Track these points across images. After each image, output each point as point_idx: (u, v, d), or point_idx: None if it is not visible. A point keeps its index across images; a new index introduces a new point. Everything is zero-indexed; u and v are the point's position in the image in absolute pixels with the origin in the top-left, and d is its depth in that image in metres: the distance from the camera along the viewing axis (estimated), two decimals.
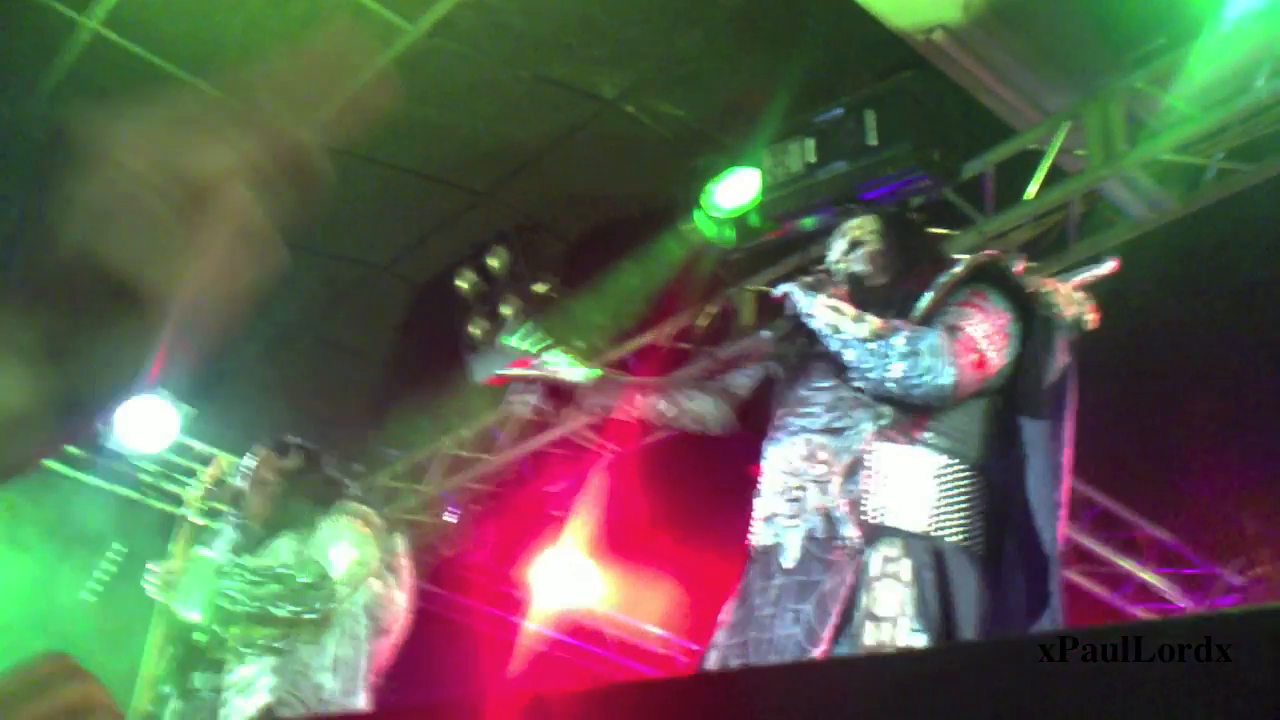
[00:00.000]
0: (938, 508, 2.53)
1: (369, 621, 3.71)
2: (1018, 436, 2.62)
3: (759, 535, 2.70)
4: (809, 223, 4.23)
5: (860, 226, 2.94)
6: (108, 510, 6.18)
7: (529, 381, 3.20)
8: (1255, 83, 3.57)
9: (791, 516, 2.62)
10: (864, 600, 2.41)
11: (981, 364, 2.57)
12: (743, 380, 3.11)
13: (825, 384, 2.72)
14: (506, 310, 5.25)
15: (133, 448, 5.88)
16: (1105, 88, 3.89)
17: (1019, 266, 2.81)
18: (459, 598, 7.29)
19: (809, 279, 2.81)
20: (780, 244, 4.66)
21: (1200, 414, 5.45)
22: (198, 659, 3.57)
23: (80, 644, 5.36)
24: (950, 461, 2.58)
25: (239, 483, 3.91)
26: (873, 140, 3.90)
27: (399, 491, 6.46)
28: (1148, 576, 6.31)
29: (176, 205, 0.51)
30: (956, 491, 2.57)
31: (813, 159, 4.06)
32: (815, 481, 2.61)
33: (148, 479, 6.33)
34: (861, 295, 2.79)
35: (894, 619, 2.38)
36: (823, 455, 2.62)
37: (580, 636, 7.57)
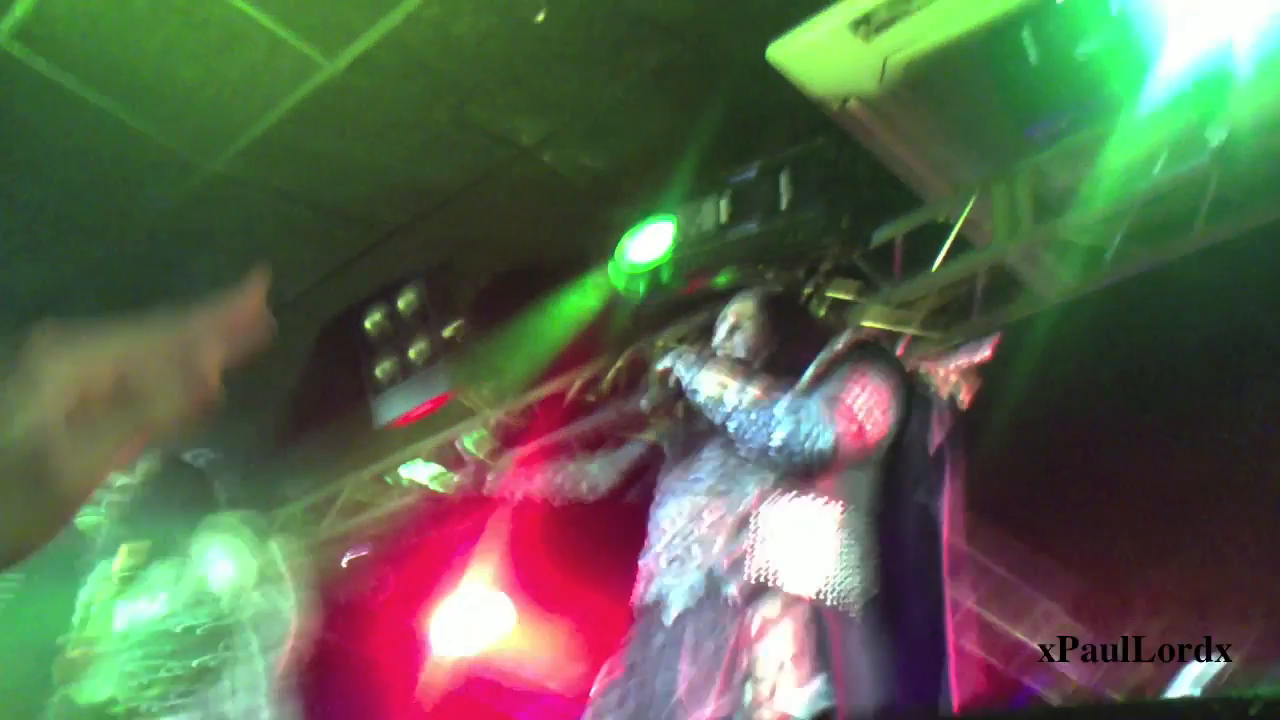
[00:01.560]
0: (819, 570, 2.56)
1: (258, 637, 3.63)
2: (899, 510, 2.66)
3: (643, 593, 2.71)
4: (721, 280, 4.25)
5: (738, 311, 3.00)
6: None
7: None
8: (1154, 169, 3.67)
9: (675, 576, 2.63)
10: (744, 661, 2.41)
11: (860, 434, 2.61)
12: (629, 451, 3.23)
13: (711, 452, 2.76)
14: (413, 352, 5.19)
15: None
16: (1012, 164, 3.97)
17: (900, 348, 2.89)
18: (358, 643, 7.13)
19: (692, 354, 2.86)
20: (692, 299, 4.67)
21: (1093, 489, 5.55)
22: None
23: None
24: (834, 525, 2.61)
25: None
26: (784, 203, 3.94)
27: (296, 533, 6.31)
28: (1039, 646, 6.37)
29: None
30: (838, 555, 2.59)
31: (725, 218, 4.09)
32: (699, 540, 2.63)
33: None
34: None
35: (773, 678, 2.38)
36: (708, 515, 2.65)
37: (480, 682, 7.45)
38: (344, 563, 6.44)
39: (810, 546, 2.56)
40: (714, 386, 2.72)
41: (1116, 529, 5.65)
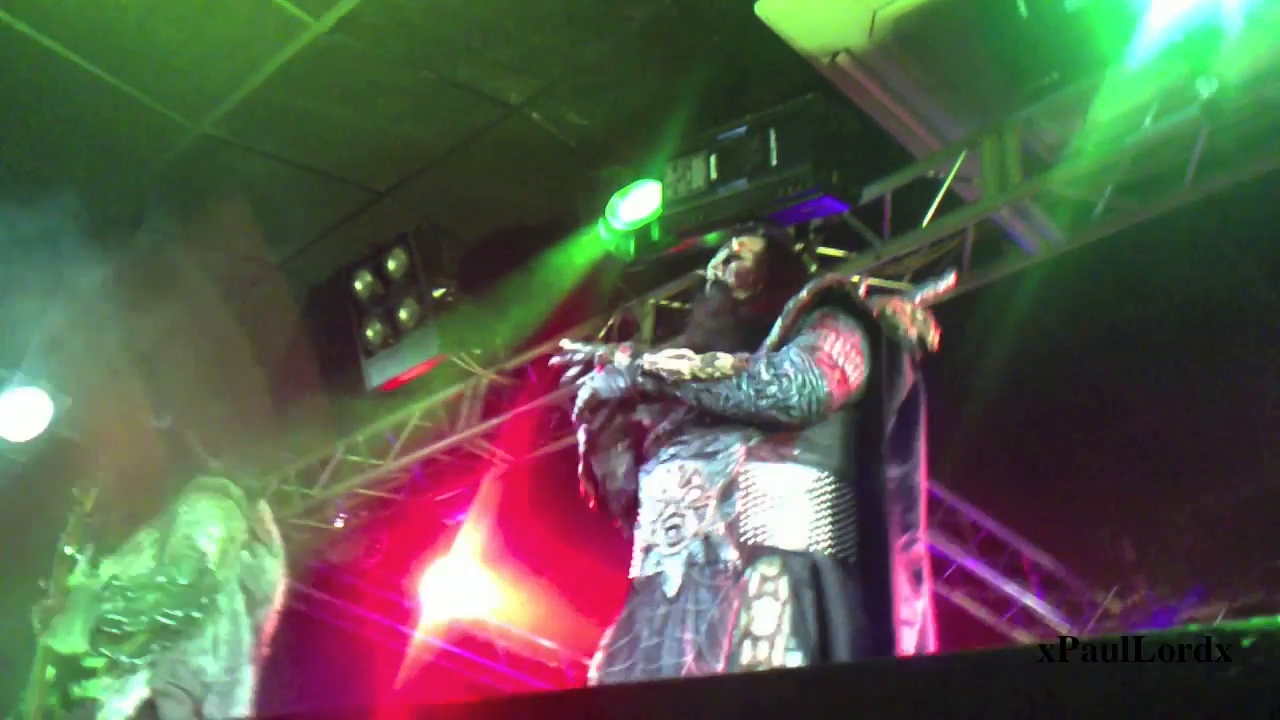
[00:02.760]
0: (812, 522, 2.56)
1: (244, 595, 3.63)
2: (876, 454, 2.66)
3: (639, 566, 2.69)
4: (711, 238, 4.24)
5: (745, 244, 2.97)
6: None
7: None
8: (1144, 123, 3.67)
9: (671, 545, 2.61)
10: (743, 620, 2.41)
11: (844, 380, 2.61)
12: (619, 462, 2.92)
13: (691, 414, 2.72)
14: (404, 314, 5.19)
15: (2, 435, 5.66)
16: (1002, 119, 3.96)
17: (863, 289, 2.86)
18: (348, 605, 7.16)
19: (628, 345, 2.82)
20: (682, 257, 4.67)
21: (1082, 443, 5.59)
22: (80, 673, 3.46)
23: None
24: (820, 475, 2.61)
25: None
26: (774, 160, 3.93)
27: (289, 495, 6.31)
28: (1029, 601, 6.44)
29: None
30: (828, 505, 2.60)
31: (714, 175, 4.08)
32: (692, 508, 2.61)
33: (16, 470, 6.08)
34: (719, 304, 2.83)
35: (770, 637, 2.38)
36: (697, 480, 2.63)
37: (470, 647, 7.49)
38: (337, 524, 6.45)
39: (801, 500, 2.57)
40: (678, 362, 2.64)
41: (1106, 481, 5.69)
